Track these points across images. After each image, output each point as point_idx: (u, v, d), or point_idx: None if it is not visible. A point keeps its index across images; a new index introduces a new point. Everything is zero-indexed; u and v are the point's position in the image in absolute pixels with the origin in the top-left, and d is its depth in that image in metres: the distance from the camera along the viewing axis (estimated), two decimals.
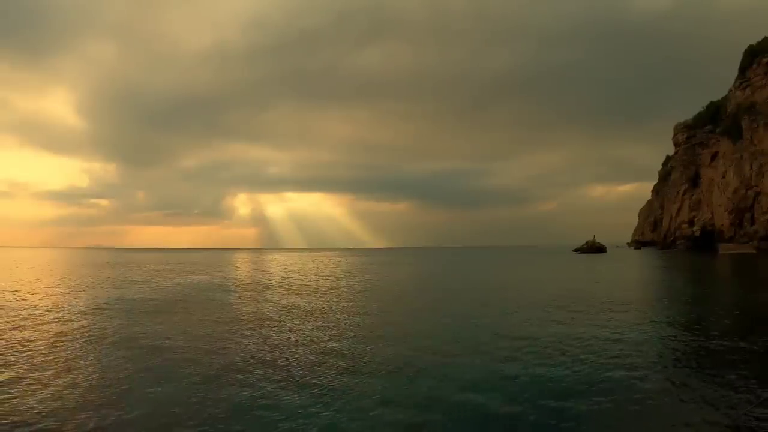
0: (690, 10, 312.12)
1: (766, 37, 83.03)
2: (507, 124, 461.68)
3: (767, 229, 74.20)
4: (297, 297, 22.74)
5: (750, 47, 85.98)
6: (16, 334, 13.33)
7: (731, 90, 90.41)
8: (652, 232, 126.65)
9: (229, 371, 9.57)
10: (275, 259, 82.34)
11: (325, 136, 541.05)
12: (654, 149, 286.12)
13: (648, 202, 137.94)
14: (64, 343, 12.18)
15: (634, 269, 46.51)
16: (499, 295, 24.19)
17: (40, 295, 23.16)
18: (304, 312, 17.66)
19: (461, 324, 15.28)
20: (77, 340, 12.65)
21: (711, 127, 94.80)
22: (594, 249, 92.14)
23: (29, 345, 11.94)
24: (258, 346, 11.87)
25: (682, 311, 17.50)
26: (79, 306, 19.23)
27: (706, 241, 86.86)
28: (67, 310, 18.16)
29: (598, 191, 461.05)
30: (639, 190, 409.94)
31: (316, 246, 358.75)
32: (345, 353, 10.97)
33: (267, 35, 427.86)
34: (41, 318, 16.10)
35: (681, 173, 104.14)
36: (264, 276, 39.09)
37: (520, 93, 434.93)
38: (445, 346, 11.87)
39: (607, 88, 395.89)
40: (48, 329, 14.11)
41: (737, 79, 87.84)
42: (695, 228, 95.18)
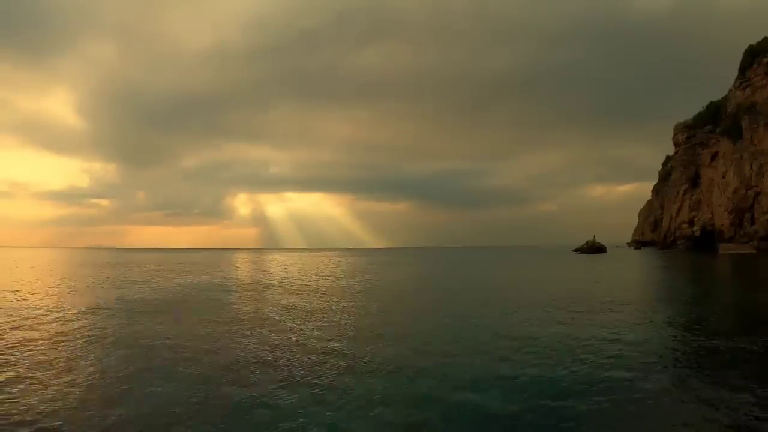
0: (690, 10, 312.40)
1: (766, 37, 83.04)
2: (507, 124, 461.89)
3: (767, 229, 74.23)
4: (297, 297, 22.75)
5: (750, 47, 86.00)
6: (16, 333, 13.34)
7: (731, 90, 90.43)
8: (652, 232, 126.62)
9: (229, 371, 9.58)
10: (275, 259, 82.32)
11: (325, 136, 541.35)
12: (654, 149, 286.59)
13: (648, 202, 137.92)
14: (64, 343, 12.19)
15: (634, 269, 46.51)
16: (499, 295, 24.19)
17: (40, 295, 23.17)
18: (304, 312, 17.67)
19: (461, 324, 15.29)
20: (78, 339, 12.67)
21: (711, 127, 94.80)
22: (594, 249, 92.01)
23: (30, 344, 11.94)
24: (258, 346, 11.88)
25: (682, 311, 17.50)
26: (80, 306, 19.23)
27: (706, 241, 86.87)
28: (68, 309, 18.17)
29: (598, 191, 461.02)
30: (639, 190, 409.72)
31: (316, 246, 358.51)
32: (345, 353, 10.97)
33: (267, 35, 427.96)
34: (42, 318, 16.11)
35: (681, 173, 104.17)
36: (264, 276, 39.08)
37: (520, 93, 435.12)
38: (445, 346, 11.88)
39: (607, 88, 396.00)
40: (48, 329, 14.13)
41: (737, 79, 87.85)
42: (695, 228, 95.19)
